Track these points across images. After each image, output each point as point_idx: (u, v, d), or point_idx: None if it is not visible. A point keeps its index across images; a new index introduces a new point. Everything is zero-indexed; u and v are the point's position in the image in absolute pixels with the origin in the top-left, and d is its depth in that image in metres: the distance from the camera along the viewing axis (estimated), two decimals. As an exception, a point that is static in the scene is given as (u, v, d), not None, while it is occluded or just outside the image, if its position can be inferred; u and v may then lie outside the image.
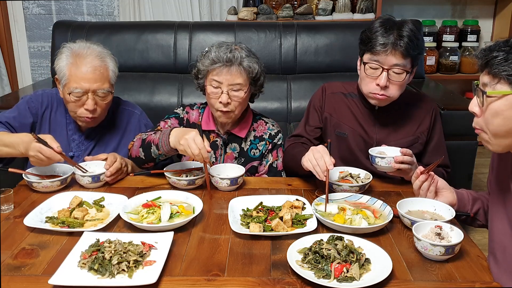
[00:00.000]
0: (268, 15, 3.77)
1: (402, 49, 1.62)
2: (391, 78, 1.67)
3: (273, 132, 1.92)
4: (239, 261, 1.22)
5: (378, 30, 1.65)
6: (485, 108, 1.17)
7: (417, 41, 1.66)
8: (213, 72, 1.75)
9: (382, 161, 1.61)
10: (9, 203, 1.50)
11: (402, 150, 1.61)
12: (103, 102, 1.81)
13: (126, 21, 3.91)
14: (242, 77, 1.75)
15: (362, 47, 1.73)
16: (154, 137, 1.67)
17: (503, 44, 1.14)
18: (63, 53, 1.80)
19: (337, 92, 1.90)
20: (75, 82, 1.75)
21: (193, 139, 1.53)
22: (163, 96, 2.67)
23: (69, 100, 1.78)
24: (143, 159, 1.69)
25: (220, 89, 1.75)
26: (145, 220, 1.38)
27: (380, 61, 1.66)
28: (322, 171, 1.51)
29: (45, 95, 1.93)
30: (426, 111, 1.84)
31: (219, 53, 1.72)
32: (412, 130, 1.82)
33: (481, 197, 1.49)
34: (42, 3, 4.24)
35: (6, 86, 4.20)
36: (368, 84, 1.72)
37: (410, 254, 1.26)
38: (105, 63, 1.81)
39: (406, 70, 1.67)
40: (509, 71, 1.11)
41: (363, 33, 1.73)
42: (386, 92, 1.69)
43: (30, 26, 4.29)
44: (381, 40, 1.63)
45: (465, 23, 4.00)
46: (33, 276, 1.15)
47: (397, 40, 1.62)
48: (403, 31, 1.64)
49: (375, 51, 1.65)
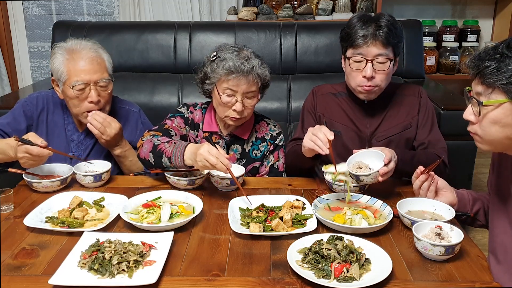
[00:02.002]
0: (268, 15, 3.77)
1: (382, 38, 1.68)
2: (376, 68, 1.71)
3: (274, 133, 1.92)
4: (239, 261, 1.22)
5: (357, 24, 1.71)
6: (482, 117, 1.17)
7: (395, 30, 1.71)
8: (228, 82, 1.72)
9: (368, 178, 1.50)
10: (9, 203, 1.50)
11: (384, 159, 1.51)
12: (105, 93, 1.82)
13: (126, 21, 3.91)
14: (256, 85, 1.76)
15: (344, 44, 1.79)
16: (167, 149, 1.62)
17: (493, 52, 1.13)
18: (56, 52, 1.81)
19: (327, 93, 1.93)
20: (76, 76, 1.76)
21: (208, 151, 1.50)
22: (163, 96, 2.67)
23: (72, 96, 1.78)
24: (152, 164, 1.67)
25: (234, 97, 1.74)
26: (145, 220, 1.38)
27: (363, 53, 1.70)
28: (324, 143, 1.52)
29: (41, 98, 1.93)
30: (413, 96, 1.88)
31: (236, 63, 1.70)
32: (402, 117, 1.85)
33: (481, 198, 1.49)
34: (42, 3, 4.24)
35: (6, 86, 4.20)
36: (355, 78, 1.76)
37: (410, 254, 1.26)
38: (100, 54, 1.84)
39: (389, 58, 1.72)
40: (502, 80, 1.10)
41: (342, 31, 1.80)
42: (373, 83, 1.73)
43: (30, 26, 4.29)
44: (361, 32, 1.69)
45: (465, 23, 4.00)
46: (33, 276, 1.15)
47: (376, 30, 1.68)
48: (380, 21, 1.70)
49: (357, 44, 1.70)
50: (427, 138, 1.82)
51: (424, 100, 1.88)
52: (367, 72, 1.70)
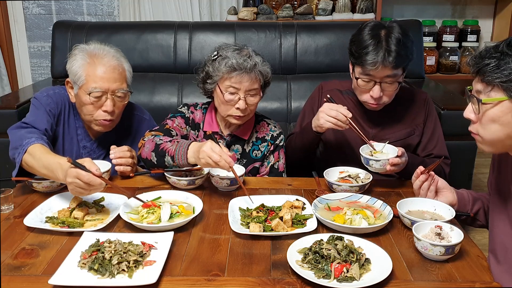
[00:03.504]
0: (268, 15, 3.77)
1: (391, 64, 1.65)
2: (384, 88, 1.72)
3: (275, 133, 1.92)
4: (239, 261, 1.22)
5: (367, 46, 1.67)
6: (481, 115, 1.17)
7: (406, 50, 1.68)
8: (231, 79, 1.72)
9: (377, 164, 1.61)
10: (9, 203, 1.49)
11: (398, 151, 1.62)
12: (121, 103, 1.78)
13: (126, 21, 3.91)
14: (258, 82, 1.76)
15: (352, 59, 1.76)
16: (170, 148, 1.62)
17: (493, 51, 1.14)
18: (77, 54, 1.74)
19: (333, 89, 1.95)
20: (94, 82, 1.70)
21: (210, 148, 1.49)
22: (163, 96, 2.67)
23: (86, 102, 1.72)
24: (154, 163, 1.66)
25: (237, 95, 1.74)
26: (145, 220, 1.38)
27: (372, 75, 1.70)
28: (344, 123, 1.65)
29: (59, 96, 1.82)
30: (420, 103, 1.89)
31: (238, 60, 1.70)
32: (407, 123, 1.86)
33: (481, 198, 1.49)
34: (42, 3, 4.24)
35: (6, 86, 4.20)
36: (362, 94, 1.78)
37: (410, 254, 1.26)
38: (122, 63, 1.78)
39: (397, 80, 1.71)
40: (502, 78, 1.11)
41: (352, 43, 1.76)
42: (380, 101, 1.75)
43: (30, 26, 4.28)
44: (370, 59, 1.65)
45: (465, 23, 3.99)
46: (33, 276, 1.15)
47: (386, 56, 1.64)
48: (391, 45, 1.65)
49: (365, 68, 1.68)
50: (433, 150, 1.86)
51: (431, 109, 1.89)
52: (374, 92, 1.71)
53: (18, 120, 2.13)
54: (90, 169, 1.35)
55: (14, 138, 1.63)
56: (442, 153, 1.85)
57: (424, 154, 1.87)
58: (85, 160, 1.39)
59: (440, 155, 1.82)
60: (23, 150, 1.55)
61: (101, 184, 1.37)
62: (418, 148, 1.89)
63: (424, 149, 1.88)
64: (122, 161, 1.71)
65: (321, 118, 1.69)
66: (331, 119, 1.66)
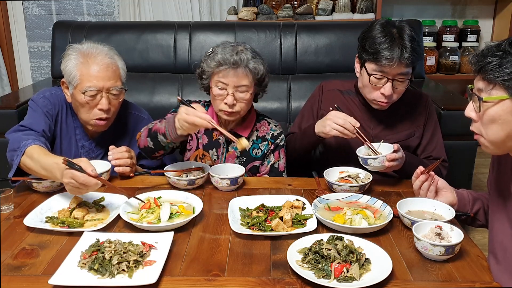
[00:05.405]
0: (268, 15, 3.77)
1: (407, 61, 1.66)
2: (395, 86, 1.72)
3: (275, 132, 1.92)
4: (239, 261, 1.22)
5: (382, 43, 1.66)
6: (482, 113, 1.17)
7: (419, 48, 1.71)
8: (219, 74, 1.74)
9: (375, 162, 1.62)
10: (9, 203, 1.50)
11: (394, 146, 1.64)
12: (116, 101, 1.79)
13: (126, 21, 3.91)
14: (248, 78, 1.76)
15: (365, 55, 1.73)
16: (160, 126, 1.67)
17: (495, 49, 1.14)
18: (70, 54, 1.76)
19: (334, 88, 1.95)
20: (88, 81, 1.71)
21: (185, 113, 1.55)
22: (163, 96, 2.67)
23: (82, 102, 1.73)
24: (152, 148, 1.70)
25: (226, 91, 1.75)
26: (145, 220, 1.38)
27: (385, 72, 1.69)
28: (352, 132, 1.66)
29: (56, 96, 1.84)
30: (421, 105, 1.89)
31: (225, 55, 1.72)
32: (408, 124, 1.87)
33: (481, 197, 1.49)
34: (42, 3, 4.24)
35: (6, 86, 4.20)
36: (372, 92, 1.76)
37: (410, 254, 1.26)
38: (115, 61, 1.79)
39: (408, 78, 1.72)
40: (503, 76, 1.11)
41: (365, 40, 1.73)
42: (390, 99, 1.74)
43: (30, 26, 4.28)
44: (387, 54, 1.65)
45: (465, 23, 4.00)
46: (33, 276, 1.15)
47: (403, 53, 1.65)
48: (405, 41, 1.66)
49: (381, 64, 1.67)
50: (432, 153, 1.87)
51: (432, 111, 1.90)
52: (386, 90, 1.71)
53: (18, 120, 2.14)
54: (86, 170, 1.37)
55: (12, 140, 1.65)
56: (441, 156, 1.86)
57: (423, 156, 1.88)
58: (82, 160, 1.40)
59: (439, 158, 1.82)
60: (21, 152, 1.56)
61: (96, 184, 1.39)
62: (417, 150, 1.89)
63: (423, 151, 1.89)
64: (121, 162, 1.72)
65: (328, 126, 1.68)
66: (338, 127, 1.66)
